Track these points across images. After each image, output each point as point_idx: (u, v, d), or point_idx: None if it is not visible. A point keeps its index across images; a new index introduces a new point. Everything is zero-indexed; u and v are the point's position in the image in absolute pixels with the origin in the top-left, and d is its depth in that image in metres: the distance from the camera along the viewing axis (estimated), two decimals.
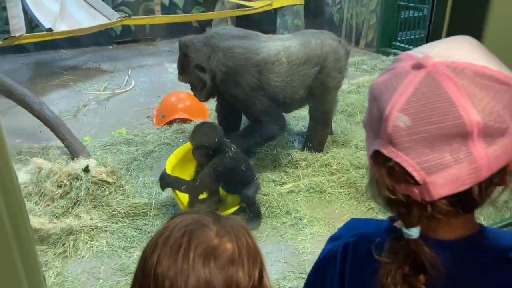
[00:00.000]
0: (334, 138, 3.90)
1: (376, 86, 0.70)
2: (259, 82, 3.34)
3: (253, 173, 2.97)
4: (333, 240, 0.86)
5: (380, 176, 0.67)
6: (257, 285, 0.76)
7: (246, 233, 0.79)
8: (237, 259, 0.74)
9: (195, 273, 0.71)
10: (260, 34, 3.59)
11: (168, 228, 0.77)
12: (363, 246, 0.76)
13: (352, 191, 3.19)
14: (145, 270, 0.75)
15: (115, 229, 2.83)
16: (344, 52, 3.55)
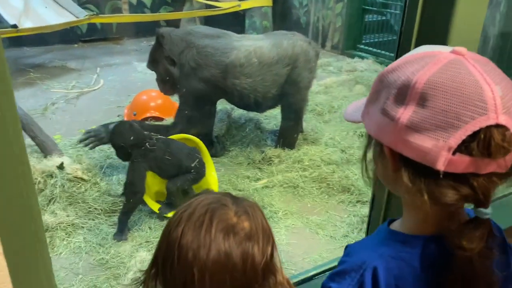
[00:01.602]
0: (304, 136, 4.04)
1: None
2: (222, 86, 3.46)
3: (189, 162, 2.97)
4: (340, 275, 0.82)
5: (461, 161, 0.66)
6: (269, 261, 0.84)
7: (260, 214, 0.87)
8: (253, 236, 0.82)
9: (216, 246, 0.78)
10: (232, 34, 3.69)
11: (192, 205, 0.84)
12: (395, 262, 0.78)
13: (324, 185, 3.33)
14: (169, 242, 0.81)
15: (92, 226, 2.84)
16: (314, 53, 3.69)
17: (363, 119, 0.80)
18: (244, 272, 0.79)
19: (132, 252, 2.64)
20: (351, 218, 3.01)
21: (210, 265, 0.78)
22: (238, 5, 7.15)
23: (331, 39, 7.54)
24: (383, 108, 0.72)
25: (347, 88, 5.40)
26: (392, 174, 0.75)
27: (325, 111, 4.66)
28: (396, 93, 0.70)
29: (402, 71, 0.71)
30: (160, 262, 0.84)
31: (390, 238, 0.83)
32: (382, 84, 0.75)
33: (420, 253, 0.78)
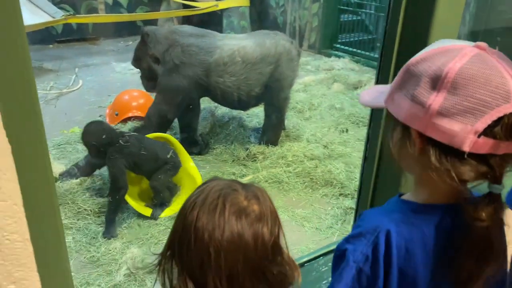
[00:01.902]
0: (287, 133, 4.13)
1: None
2: (205, 84, 3.53)
3: (164, 153, 3.03)
4: (356, 237, 0.90)
5: (485, 144, 0.75)
6: (277, 240, 0.91)
7: (268, 198, 0.94)
8: (262, 218, 0.89)
9: (229, 227, 0.85)
10: (216, 34, 3.75)
11: (205, 191, 0.91)
12: (407, 227, 0.87)
13: (307, 180, 3.43)
14: (185, 225, 0.88)
15: (81, 226, 2.85)
16: (296, 52, 3.79)
17: (387, 104, 0.87)
18: (256, 250, 0.87)
19: (123, 249, 2.68)
20: (334, 210, 3.12)
21: (225, 245, 0.84)
22: (216, 5, 7.19)
23: (308, 39, 7.68)
24: (412, 95, 0.80)
25: (326, 86, 5.53)
26: (415, 155, 0.83)
27: (306, 108, 4.78)
28: (427, 81, 0.78)
29: (432, 62, 0.79)
30: (177, 244, 0.90)
31: (402, 206, 0.91)
32: (409, 74, 0.82)
33: (429, 220, 0.87)
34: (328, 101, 5.01)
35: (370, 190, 1.84)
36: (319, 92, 5.31)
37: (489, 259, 0.82)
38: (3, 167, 0.80)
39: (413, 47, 1.50)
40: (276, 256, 0.93)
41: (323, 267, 1.78)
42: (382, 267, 0.87)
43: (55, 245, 0.94)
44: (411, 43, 1.53)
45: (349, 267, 0.89)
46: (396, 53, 1.56)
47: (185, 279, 0.89)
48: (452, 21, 1.50)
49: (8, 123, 0.79)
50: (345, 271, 0.90)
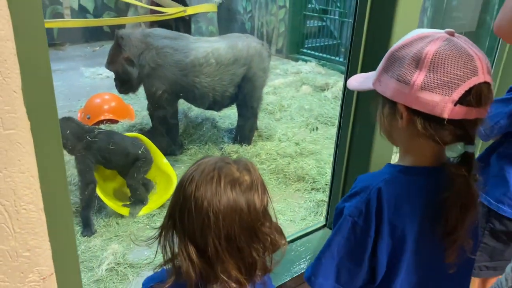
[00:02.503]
0: (259, 133, 4.27)
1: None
2: (184, 84, 3.64)
3: (135, 149, 3.08)
4: (351, 196, 1.05)
5: (460, 111, 0.90)
6: (266, 206, 1.02)
7: (257, 170, 1.05)
8: (253, 187, 0.99)
9: (226, 195, 0.95)
10: (189, 36, 3.86)
11: (201, 165, 1.01)
12: (395, 185, 1.01)
13: (281, 176, 3.58)
14: (185, 195, 0.97)
15: None
16: (267, 54, 3.95)
17: (375, 86, 1.02)
18: (249, 214, 0.98)
19: (103, 246, 2.71)
20: (307, 203, 3.27)
21: (222, 209, 0.95)
22: (184, 10, 7.27)
23: (275, 44, 7.88)
24: (398, 75, 0.94)
25: (294, 89, 5.72)
26: (404, 125, 0.98)
27: (276, 109, 4.94)
28: (410, 63, 0.93)
29: (412, 47, 0.94)
30: (178, 213, 0.99)
31: (391, 169, 1.07)
32: (393, 58, 0.97)
33: (415, 180, 1.03)
34: (297, 102, 5.20)
35: (341, 183, 2.00)
36: (289, 94, 5.49)
37: (471, 207, 0.98)
38: (23, 141, 0.88)
39: (378, 47, 1.68)
40: (266, 221, 1.05)
41: (301, 248, 1.91)
42: (374, 220, 1.00)
43: (64, 216, 1.02)
44: (375, 44, 1.71)
45: (346, 221, 1.03)
46: (363, 53, 1.73)
47: (187, 243, 0.98)
48: (411, 25, 1.68)
49: (28, 101, 0.87)
50: (342, 224, 1.04)
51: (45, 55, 0.90)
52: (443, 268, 1.04)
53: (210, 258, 0.95)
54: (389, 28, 1.63)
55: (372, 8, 1.67)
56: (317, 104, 5.14)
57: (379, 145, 1.79)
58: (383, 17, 1.65)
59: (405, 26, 1.64)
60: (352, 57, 1.76)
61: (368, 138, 1.79)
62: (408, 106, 0.94)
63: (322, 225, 2.08)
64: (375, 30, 1.69)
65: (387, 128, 1.05)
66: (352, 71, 1.76)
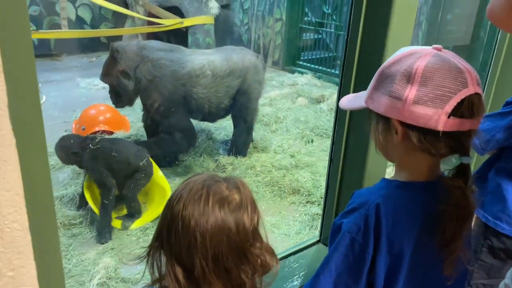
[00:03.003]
0: (255, 144, 4.26)
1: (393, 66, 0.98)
2: (183, 94, 3.63)
3: (138, 160, 3.07)
4: (349, 212, 1.05)
5: (453, 123, 0.91)
6: (256, 226, 1.00)
7: (247, 188, 1.03)
8: (243, 206, 0.97)
9: (213, 214, 0.93)
10: (184, 49, 3.86)
11: (189, 184, 0.99)
12: (392, 200, 1.02)
13: (275, 189, 3.56)
14: (173, 214, 0.95)
15: None
16: (262, 66, 3.96)
17: (368, 104, 1.04)
18: (238, 234, 0.95)
19: (95, 259, 2.68)
20: (302, 216, 3.25)
21: (209, 229, 0.93)
22: (181, 22, 7.32)
23: (272, 56, 7.91)
24: (390, 91, 0.96)
25: (290, 101, 5.73)
26: (399, 140, 0.98)
27: (272, 121, 4.94)
28: (401, 78, 0.94)
29: (402, 63, 0.96)
30: (165, 232, 0.97)
31: (388, 184, 1.07)
32: (384, 75, 0.99)
33: (411, 195, 1.03)
34: (293, 114, 5.20)
35: (335, 197, 1.99)
36: (284, 106, 5.50)
37: (467, 218, 0.99)
38: (8, 158, 0.86)
39: (371, 61, 1.68)
40: (256, 241, 1.03)
41: (294, 264, 1.89)
42: (372, 236, 1.00)
43: (50, 235, 1.00)
44: (368, 60, 1.71)
45: (344, 237, 1.03)
46: (355, 70, 1.72)
47: (173, 264, 0.96)
48: (404, 39, 1.68)
49: (14, 118, 0.86)
50: (341, 241, 1.03)
51: (32, 72, 0.89)
52: (441, 280, 1.04)
53: (197, 279, 0.93)
54: (382, 44, 1.63)
55: (365, 24, 1.68)
56: (313, 116, 5.15)
57: (373, 158, 1.78)
58: (376, 33, 1.65)
59: (399, 40, 1.65)
60: (345, 73, 1.76)
61: (362, 151, 1.78)
62: (402, 121, 0.95)
63: (316, 241, 2.05)
64: (369, 46, 1.69)
65: (382, 144, 1.06)
66: (345, 87, 1.76)
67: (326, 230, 2.04)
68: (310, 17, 7.54)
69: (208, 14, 7.48)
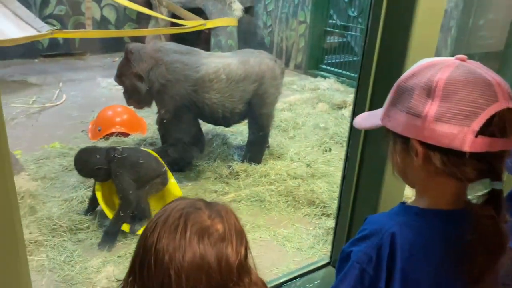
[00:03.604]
0: (270, 151, 4.12)
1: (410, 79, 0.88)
2: (194, 99, 3.53)
3: (159, 166, 3.06)
4: (360, 240, 0.93)
5: (482, 142, 0.80)
6: (243, 261, 0.88)
7: (233, 216, 0.91)
8: (227, 237, 0.86)
9: (191, 248, 0.82)
10: (201, 51, 3.76)
11: (166, 211, 0.88)
12: (410, 230, 0.90)
13: (290, 199, 3.41)
14: (145, 247, 0.84)
15: (56, 243, 2.76)
16: (279, 70, 3.82)
17: (384, 122, 0.93)
18: (220, 271, 0.83)
19: (99, 267, 2.60)
20: (316, 230, 3.09)
21: (186, 266, 0.81)
22: (204, 24, 7.26)
23: (294, 59, 7.77)
24: (408, 107, 0.85)
25: (310, 106, 5.57)
26: (419, 163, 0.87)
27: (290, 127, 4.79)
28: (420, 93, 0.84)
29: (421, 76, 0.86)
30: (137, 267, 0.86)
31: (406, 210, 0.94)
32: (401, 90, 0.89)
33: (432, 224, 0.90)
34: (312, 120, 5.04)
35: (349, 210, 1.83)
36: (304, 111, 5.34)
37: (499, 252, 0.85)
38: None
39: (390, 73, 1.52)
40: (243, 277, 0.90)
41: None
42: (385, 269, 0.89)
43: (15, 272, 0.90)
44: (387, 70, 1.55)
45: (353, 268, 0.92)
46: (373, 78, 1.57)
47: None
48: (428, 47, 1.52)
49: None
50: (349, 271, 0.92)
51: None
52: None
53: None
54: (403, 54, 1.47)
55: (384, 32, 1.52)
56: (333, 123, 4.97)
57: (391, 177, 1.62)
58: (396, 41, 1.50)
59: (422, 49, 1.49)
60: (360, 87, 1.61)
61: (379, 168, 1.62)
62: (423, 141, 0.85)
63: (326, 263, 1.90)
64: (387, 56, 1.54)
65: (401, 167, 0.96)
66: (360, 102, 1.61)
67: (337, 252, 1.89)
68: (335, 20, 7.36)
69: (232, 16, 7.39)
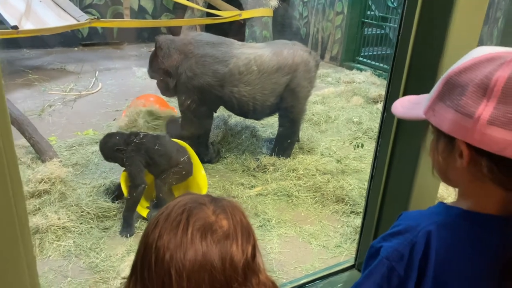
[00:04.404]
0: (300, 145, 4.03)
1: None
2: (220, 94, 3.50)
3: (179, 156, 3.06)
4: (393, 235, 0.87)
5: None
6: (250, 260, 0.81)
7: (240, 212, 0.85)
8: (232, 235, 0.80)
9: (193, 246, 0.76)
10: (234, 41, 3.70)
11: (169, 207, 0.83)
12: (450, 231, 0.83)
13: (318, 195, 3.32)
14: (147, 244, 0.79)
15: (83, 230, 2.81)
16: (314, 63, 3.71)
17: (428, 116, 0.84)
18: (223, 271, 0.78)
19: (124, 256, 2.62)
20: (344, 228, 2.99)
21: (187, 265, 0.76)
22: (239, 14, 7.20)
23: (330, 51, 7.58)
24: (458, 105, 0.77)
25: (345, 99, 5.42)
26: (463, 166, 0.80)
27: (322, 121, 4.67)
28: (474, 91, 0.75)
29: (477, 71, 0.76)
30: (139, 266, 0.82)
31: (447, 211, 0.86)
32: (451, 84, 0.80)
33: (477, 228, 0.81)
34: (346, 114, 4.90)
35: (377, 209, 1.73)
36: (338, 105, 5.20)
37: None
38: None
39: (426, 61, 1.40)
40: (250, 278, 0.84)
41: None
42: (416, 270, 0.82)
43: (13, 259, 0.87)
44: (423, 58, 1.43)
45: (381, 264, 0.85)
46: (407, 67, 1.45)
47: None
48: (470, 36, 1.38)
49: None
50: (377, 267, 0.85)
51: None
52: None
53: None
54: (441, 43, 1.35)
55: (421, 17, 1.40)
56: (368, 117, 4.81)
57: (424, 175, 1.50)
58: (433, 27, 1.37)
59: (463, 39, 1.36)
60: (393, 76, 1.50)
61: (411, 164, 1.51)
62: (471, 144, 0.77)
63: (351, 265, 1.81)
64: (424, 44, 1.41)
65: (442, 167, 0.87)
66: (393, 92, 1.50)
67: (362, 254, 1.80)
68: (374, 10, 7.10)
69: (267, 6, 7.29)
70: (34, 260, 1.00)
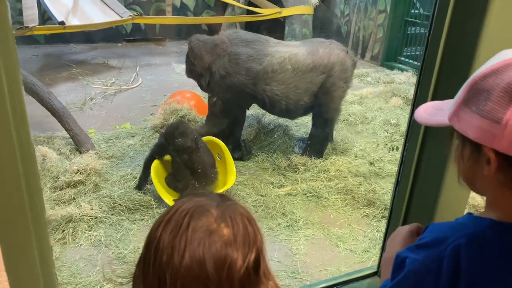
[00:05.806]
0: (334, 145, 3.96)
1: None
2: (252, 93, 3.50)
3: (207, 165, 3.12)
4: (420, 248, 0.84)
5: None
6: (250, 272, 0.78)
7: (245, 220, 0.82)
8: (232, 243, 0.77)
9: (190, 251, 0.75)
10: (269, 39, 3.68)
11: (174, 208, 0.82)
12: (481, 244, 0.79)
13: (349, 197, 3.25)
14: (148, 244, 0.80)
15: (114, 221, 2.89)
16: (350, 63, 3.62)
17: (452, 122, 0.82)
18: (219, 282, 0.75)
19: None
20: (374, 233, 2.91)
21: (182, 272, 0.75)
22: (279, 12, 7.16)
23: (371, 50, 7.40)
24: (483, 111, 0.75)
25: (383, 100, 5.27)
26: (491, 173, 0.77)
27: (358, 121, 4.57)
28: (501, 96, 0.73)
29: (503, 75, 0.74)
30: (141, 263, 0.82)
31: (476, 222, 0.83)
32: (476, 89, 0.77)
33: (507, 241, 0.78)
34: (383, 115, 4.76)
35: (402, 214, 1.67)
36: (375, 106, 5.06)
37: None
38: None
39: (458, 63, 1.32)
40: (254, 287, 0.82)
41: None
42: (445, 285, 0.79)
43: (23, 247, 0.90)
44: (455, 60, 1.35)
45: (407, 278, 0.83)
46: (438, 69, 1.38)
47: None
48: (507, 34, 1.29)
49: None
50: (402, 281, 0.84)
51: None
52: None
53: None
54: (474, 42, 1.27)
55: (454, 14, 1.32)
56: (406, 119, 4.64)
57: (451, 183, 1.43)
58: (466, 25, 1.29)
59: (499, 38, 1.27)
60: (422, 78, 1.43)
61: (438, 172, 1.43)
62: (498, 151, 0.74)
63: (372, 272, 1.76)
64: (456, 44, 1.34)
65: (468, 174, 0.85)
66: (421, 96, 1.43)
67: None
68: (419, 9, 6.86)
69: (308, 4, 7.21)
70: (49, 249, 1.03)
